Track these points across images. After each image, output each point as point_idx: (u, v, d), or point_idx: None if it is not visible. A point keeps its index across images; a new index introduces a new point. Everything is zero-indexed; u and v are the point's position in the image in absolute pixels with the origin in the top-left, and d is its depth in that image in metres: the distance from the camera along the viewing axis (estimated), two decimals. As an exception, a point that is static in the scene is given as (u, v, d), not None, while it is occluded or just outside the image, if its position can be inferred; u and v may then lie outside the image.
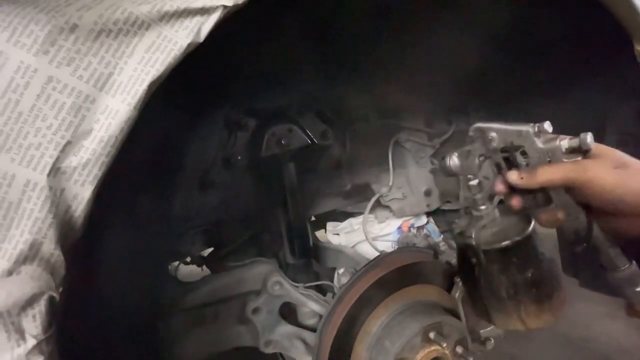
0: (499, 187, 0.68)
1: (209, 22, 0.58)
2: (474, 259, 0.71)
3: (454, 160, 0.71)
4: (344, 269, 1.26)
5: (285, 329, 1.19)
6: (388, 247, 1.52)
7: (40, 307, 0.51)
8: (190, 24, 0.57)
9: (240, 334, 1.18)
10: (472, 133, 0.70)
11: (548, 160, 0.61)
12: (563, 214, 0.62)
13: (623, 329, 1.94)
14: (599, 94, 1.02)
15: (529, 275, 0.68)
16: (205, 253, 1.44)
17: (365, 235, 1.50)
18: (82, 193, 0.52)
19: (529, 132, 0.62)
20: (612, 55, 1.00)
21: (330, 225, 1.72)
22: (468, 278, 0.76)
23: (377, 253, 1.41)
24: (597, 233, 0.62)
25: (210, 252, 1.44)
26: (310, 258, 1.35)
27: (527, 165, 0.64)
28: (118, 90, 0.54)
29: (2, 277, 0.49)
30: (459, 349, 0.99)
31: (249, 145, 1.26)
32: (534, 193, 0.65)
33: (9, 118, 0.49)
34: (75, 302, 0.58)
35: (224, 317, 1.16)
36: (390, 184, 1.48)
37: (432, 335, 0.96)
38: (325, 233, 1.74)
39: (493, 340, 1.09)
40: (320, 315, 1.15)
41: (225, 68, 1.04)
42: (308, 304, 1.17)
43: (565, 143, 0.60)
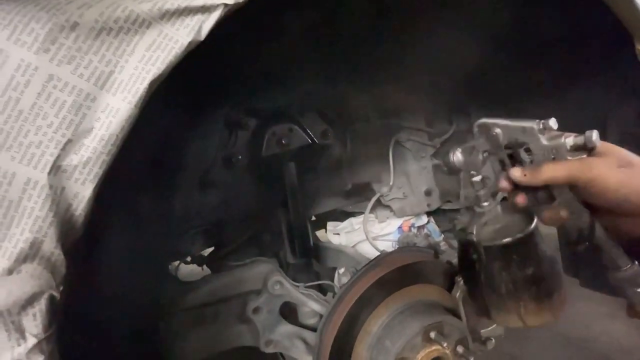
0: (503, 184, 0.67)
1: (210, 20, 0.58)
2: (475, 255, 0.71)
3: (458, 156, 0.70)
4: (345, 269, 1.26)
5: (286, 329, 1.18)
6: (388, 246, 1.51)
7: (41, 306, 0.51)
8: (191, 22, 0.57)
9: (241, 334, 1.18)
10: (476, 128, 0.69)
11: (552, 158, 0.61)
12: (566, 212, 0.62)
13: (624, 329, 1.93)
14: (600, 94, 1.02)
15: (530, 273, 0.67)
16: (206, 253, 1.44)
17: (366, 235, 1.50)
18: (82, 192, 0.52)
19: (534, 128, 0.61)
20: (612, 55, 1.00)
21: (331, 225, 1.72)
22: (469, 274, 0.75)
23: (377, 253, 1.41)
24: (599, 232, 0.61)
25: (211, 251, 1.44)
26: (311, 258, 1.35)
27: (531, 163, 0.63)
28: (119, 89, 0.53)
29: (2, 275, 0.49)
30: (460, 349, 0.98)
31: (250, 145, 1.26)
32: (537, 191, 0.64)
33: (10, 116, 0.49)
34: (76, 301, 0.58)
35: (225, 316, 1.16)
36: (391, 184, 1.48)
37: (432, 335, 0.96)
38: (326, 233, 1.74)
39: (494, 340, 1.09)
40: (321, 315, 1.14)
41: (226, 67, 1.04)
42: (308, 304, 1.17)
43: (570, 140, 0.59)
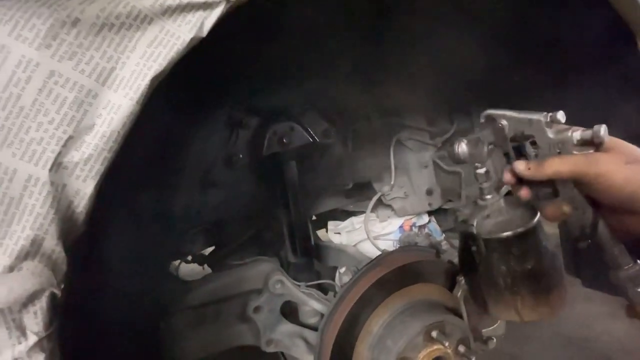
0: (507, 177, 0.66)
1: (212, 16, 0.58)
2: (475, 248, 0.70)
3: (463, 148, 0.69)
4: (346, 268, 1.26)
5: (287, 328, 1.18)
6: (390, 246, 1.51)
7: (42, 303, 0.51)
8: (193, 19, 0.56)
9: (242, 333, 1.18)
10: (482, 120, 0.68)
11: (558, 152, 0.60)
12: (569, 208, 0.61)
13: (625, 329, 1.93)
14: (603, 93, 1.01)
15: (529, 268, 0.67)
16: (207, 252, 1.44)
17: (367, 234, 1.50)
18: (84, 189, 0.52)
19: (541, 121, 0.60)
20: (614, 53, 0.99)
21: (332, 224, 1.71)
22: (468, 266, 0.75)
23: (378, 252, 1.40)
24: (602, 230, 0.60)
25: (212, 250, 1.44)
26: (312, 257, 1.35)
27: (536, 156, 0.62)
28: (120, 85, 0.53)
29: (3, 273, 0.48)
30: (461, 348, 0.98)
31: (251, 144, 1.26)
32: (541, 185, 0.63)
33: (11, 112, 0.49)
34: (77, 300, 0.58)
35: (225, 316, 1.16)
36: (392, 183, 1.48)
37: (434, 334, 0.96)
38: (327, 232, 1.74)
39: (495, 340, 1.09)
40: (322, 314, 1.14)
41: (227, 66, 1.04)
42: (309, 303, 1.17)
43: (578, 135, 0.58)
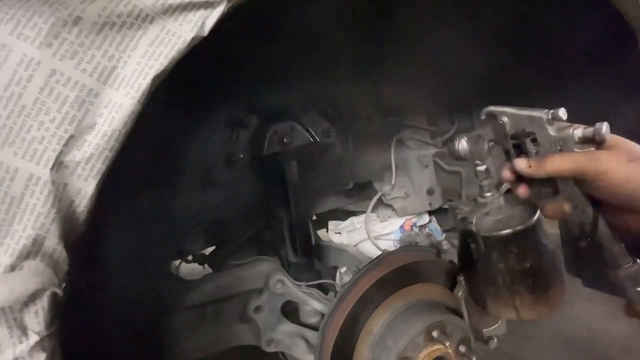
0: (506, 174, 0.65)
1: (213, 16, 0.58)
2: (474, 245, 0.70)
3: (463, 145, 0.68)
4: (346, 268, 1.25)
5: (287, 328, 1.18)
6: (390, 246, 1.51)
7: (43, 303, 0.51)
8: (194, 18, 0.56)
9: (242, 333, 1.18)
10: (483, 116, 0.67)
11: (559, 150, 0.59)
12: (569, 206, 0.60)
13: (625, 330, 1.92)
14: (604, 92, 1.01)
15: (528, 266, 0.66)
16: (207, 251, 1.44)
17: (368, 234, 1.49)
18: (85, 188, 0.52)
19: (542, 118, 0.60)
20: (616, 53, 0.99)
21: (332, 224, 1.71)
22: (467, 264, 0.74)
23: (379, 252, 1.40)
24: (602, 228, 0.60)
25: (212, 250, 1.44)
26: (312, 256, 1.35)
27: (536, 154, 0.62)
28: (122, 84, 0.53)
29: (4, 272, 0.48)
30: (462, 348, 0.98)
31: (251, 144, 1.26)
32: (541, 183, 0.63)
33: (12, 111, 0.49)
34: (78, 299, 0.58)
35: (226, 315, 1.16)
36: (393, 183, 1.47)
37: (435, 334, 0.96)
38: (327, 232, 1.74)
39: (496, 340, 1.08)
40: (323, 314, 1.14)
41: (227, 66, 1.04)
42: (310, 303, 1.17)
43: (579, 132, 0.57)
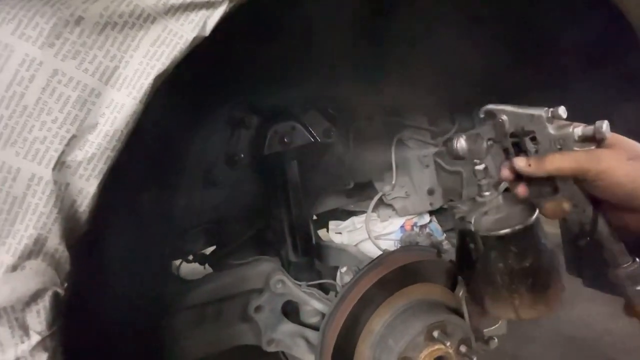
0: (505, 173, 0.65)
1: (215, 15, 0.58)
2: (473, 245, 0.69)
3: (462, 143, 0.68)
4: (347, 268, 1.25)
5: (288, 328, 1.18)
6: (391, 245, 1.51)
7: (45, 302, 0.51)
8: (196, 18, 0.56)
9: (243, 332, 1.18)
10: (482, 115, 0.66)
11: (559, 148, 0.58)
12: (569, 205, 0.60)
13: (626, 330, 1.92)
14: (605, 92, 1.01)
15: (527, 265, 0.66)
16: (208, 251, 1.44)
17: (368, 234, 1.49)
18: (87, 187, 0.52)
19: (542, 116, 0.59)
20: (616, 53, 0.99)
21: (333, 224, 1.71)
22: (466, 264, 0.74)
23: (379, 252, 1.40)
24: (602, 227, 0.60)
25: (213, 250, 1.44)
26: (313, 256, 1.35)
27: (536, 152, 0.61)
28: (124, 84, 0.53)
29: (6, 272, 0.48)
30: (463, 348, 0.98)
31: (252, 144, 1.26)
32: (541, 182, 0.62)
33: (14, 111, 0.49)
34: (79, 299, 0.58)
35: (227, 315, 1.16)
36: (393, 183, 1.47)
37: (435, 334, 0.96)
38: (328, 232, 1.74)
39: (497, 340, 1.08)
40: (323, 314, 1.14)
41: (228, 66, 1.04)
42: (311, 303, 1.17)
43: (579, 130, 0.57)
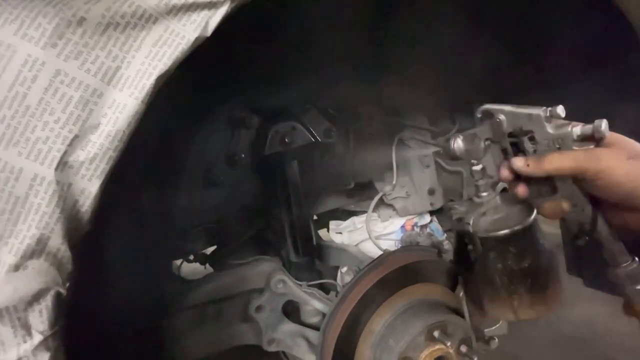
0: (504, 173, 0.64)
1: (217, 16, 0.58)
2: (471, 246, 0.68)
3: (459, 144, 0.67)
4: (347, 268, 1.26)
5: (289, 327, 1.18)
6: (391, 245, 1.51)
7: (47, 302, 0.51)
8: (198, 18, 0.57)
9: (243, 332, 1.18)
10: (479, 115, 0.66)
11: (557, 148, 0.58)
12: (568, 205, 0.59)
13: (627, 329, 1.91)
14: (606, 92, 1.01)
15: (526, 266, 0.65)
16: (208, 251, 1.44)
17: (369, 234, 1.49)
18: (89, 188, 0.52)
19: (540, 116, 0.59)
20: (618, 52, 0.99)
21: (333, 224, 1.71)
22: (464, 265, 0.73)
23: (380, 252, 1.40)
24: (601, 227, 0.59)
25: (213, 250, 1.44)
26: (313, 256, 1.35)
27: (534, 152, 0.61)
28: (125, 84, 0.53)
29: (8, 272, 0.49)
30: (463, 348, 0.98)
31: (252, 144, 1.26)
32: (539, 181, 0.62)
33: (17, 111, 0.49)
34: (80, 299, 0.58)
35: (227, 315, 1.16)
36: (394, 183, 1.47)
37: (436, 334, 0.96)
38: (328, 232, 1.74)
39: (497, 340, 1.08)
40: (324, 314, 1.14)
41: (228, 66, 1.04)
42: (311, 302, 1.17)
43: (578, 130, 0.56)
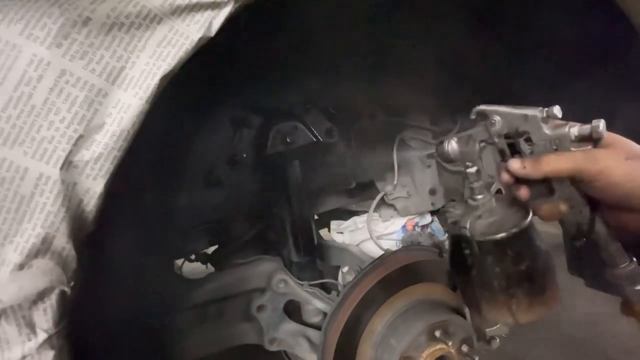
0: (505, 177, 0.62)
1: (220, 16, 0.58)
2: (468, 250, 0.67)
3: (453, 146, 0.65)
4: (349, 267, 1.25)
5: (290, 327, 1.18)
6: (392, 245, 1.51)
7: (52, 301, 0.51)
8: (202, 18, 0.57)
9: (245, 332, 1.18)
10: (473, 116, 0.64)
11: (554, 149, 0.57)
12: (566, 207, 0.58)
13: (628, 330, 1.91)
14: (607, 91, 1.01)
15: (524, 269, 0.64)
16: (210, 250, 1.44)
17: (370, 234, 1.49)
18: (94, 187, 0.52)
19: (537, 116, 0.57)
20: (618, 51, 0.99)
21: (334, 224, 1.71)
22: (460, 268, 0.71)
23: (381, 251, 1.40)
24: (599, 228, 0.59)
25: (215, 249, 1.44)
26: (315, 256, 1.35)
27: (531, 154, 0.60)
28: (130, 84, 0.53)
29: (14, 270, 0.49)
30: (465, 348, 0.98)
31: (254, 143, 1.26)
32: (536, 183, 0.61)
33: (22, 111, 0.49)
34: (83, 298, 0.58)
35: (229, 314, 1.16)
36: (395, 182, 1.47)
37: (437, 334, 0.96)
38: (329, 232, 1.74)
39: (498, 340, 1.09)
40: (325, 313, 1.14)
41: (230, 66, 1.04)
42: (313, 302, 1.17)
43: (575, 130, 0.56)
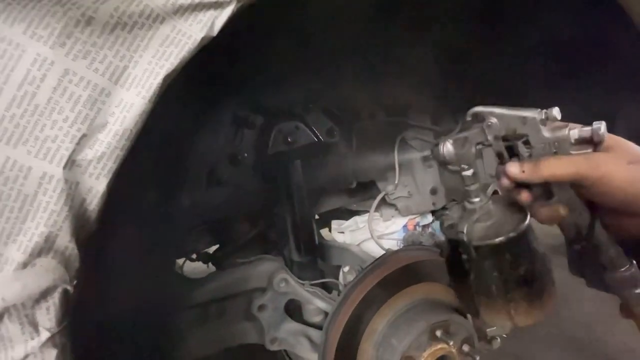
0: (505, 182, 0.60)
1: (223, 16, 0.58)
2: (465, 255, 0.66)
3: (448, 148, 0.63)
4: (350, 267, 1.25)
5: (291, 326, 1.19)
6: (393, 245, 1.51)
7: (54, 300, 0.51)
8: (204, 18, 0.57)
9: (246, 331, 1.18)
10: (469, 118, 0.62)
11: (554, 152, 0.56)
12: (565, 210, 0.57)
13: (628, 330, 1.91)
14: (609, 92, 1.01)
15: (522, 272, 0.63)
16: (211, 250, 1.44)
17: (371, 234, 1.49)
18: (97, 186, 0.53)
19: (535, 118, 0.56)
20: (620, 51, 0.99)
21: (335, 224, 1.71)
22: (457, 272, 0.70)
23: (382, 251, 1.41)
24: (599, 231, 0.58)
25: (216, 249, 1.45)
26: (316, 256, 1.35)
27: (529, 157, 0.58)
28: (133, 84, 0.54)
29: (17, 269, 0.49)
30: (466, 348, 0.98)
31: (256, 143, 1.26)
32: (534, 186, 0.59)
33: (26, 110, 0.49)
34: (85, 297, 0.58)
35: (230, 314, 1.17)
36: (396, 182, 1.47)
37: (438, 334, 0.96)
38: (330, 231, 1.74)
39: (499, 339, 1.09)
40: (326, 313, 1.14)
41: (231, 65, 1.04)
42: (314, 302, 1.17)
43: (575, 133, 0.54)
